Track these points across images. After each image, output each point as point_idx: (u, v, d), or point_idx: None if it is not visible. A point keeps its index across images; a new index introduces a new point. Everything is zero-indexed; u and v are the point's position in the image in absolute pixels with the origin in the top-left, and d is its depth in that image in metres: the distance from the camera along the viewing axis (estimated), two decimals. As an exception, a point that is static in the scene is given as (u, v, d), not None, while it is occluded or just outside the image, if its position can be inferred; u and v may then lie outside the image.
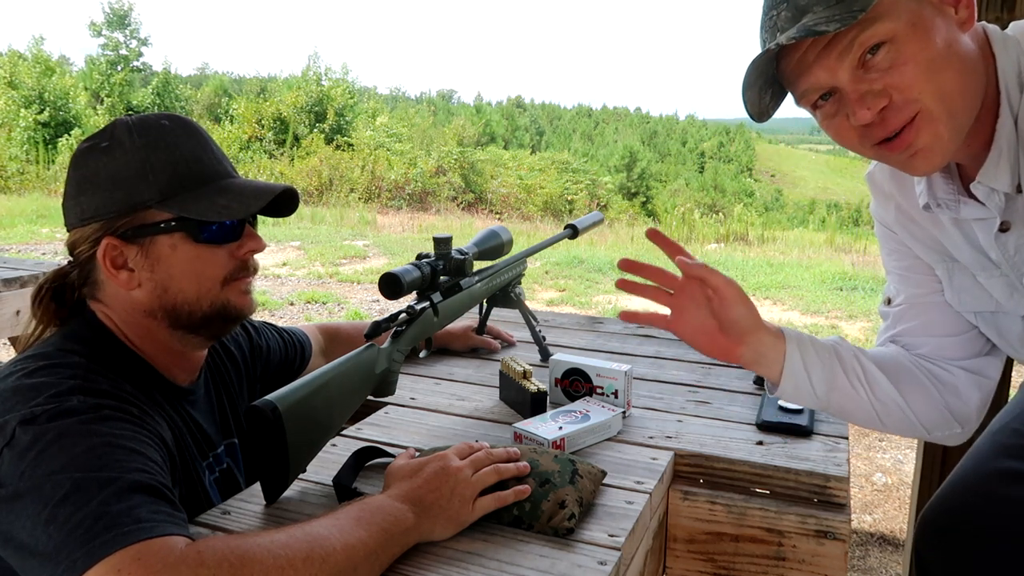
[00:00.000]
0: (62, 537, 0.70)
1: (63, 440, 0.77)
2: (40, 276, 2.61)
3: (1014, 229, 0.91)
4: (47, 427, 0.78)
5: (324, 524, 0.79)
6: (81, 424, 0.79)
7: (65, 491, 0.72)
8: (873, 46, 0.82)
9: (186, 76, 28.82)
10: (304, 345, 1.38)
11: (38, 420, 0.78)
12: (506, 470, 0.93)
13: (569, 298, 6.51)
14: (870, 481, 3.15)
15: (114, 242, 0.95)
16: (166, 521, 0.73)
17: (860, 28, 0.80)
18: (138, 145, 0.95)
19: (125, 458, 0.78)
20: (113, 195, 0.94)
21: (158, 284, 0.97)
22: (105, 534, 0.69)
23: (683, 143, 38.33)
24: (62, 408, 0.80)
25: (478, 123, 27.89)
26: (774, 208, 25.40)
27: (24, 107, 17.17)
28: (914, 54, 0.81)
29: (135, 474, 0.77)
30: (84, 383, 0.85)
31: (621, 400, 1.26)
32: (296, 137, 18.31)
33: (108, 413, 0.82)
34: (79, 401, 0.82)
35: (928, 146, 0.85)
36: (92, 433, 0.79)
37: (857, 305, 6.39)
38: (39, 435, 0.77)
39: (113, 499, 0.72)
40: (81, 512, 0.71)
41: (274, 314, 5.74)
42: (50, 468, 0.74)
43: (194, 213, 0.95)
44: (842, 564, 1.05)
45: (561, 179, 18.19)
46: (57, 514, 0.71)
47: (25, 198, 12.79)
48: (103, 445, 0.78)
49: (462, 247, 1.34)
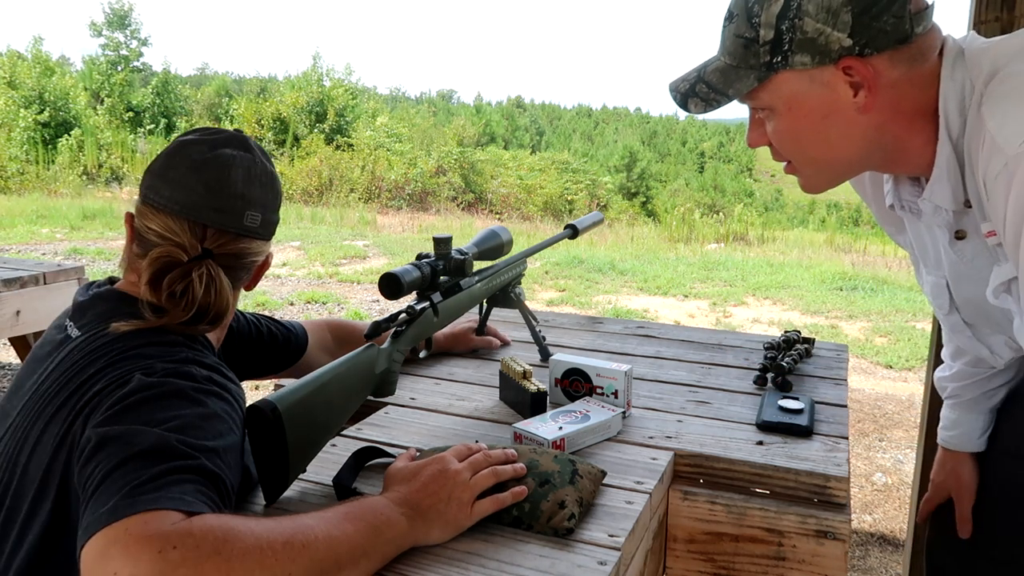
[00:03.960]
0: (107, 490, 0.73)
1: (173, 399, 0.83)
2: (40, 276, 2.62)
3: (970, 238, 0.97)
4: (164, 380, 0.84)
5: (313, 515, 0.80)
6: (194, 391, 0.85)
7: (144, 446, 0.76)
8: (759, 108, 0.97)
9: (186, 76, 28.78)
10: (293, 330, 1.38)
11: (157, 373, 0.85)
12: (504, 472, 0.93)
13: (569, 298, 6.51)
14: (870, 481, 3.15)
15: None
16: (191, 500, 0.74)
17: (746, 97, 0.95)
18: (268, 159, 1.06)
19: (215, 434, 0.83)
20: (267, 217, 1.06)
21: None
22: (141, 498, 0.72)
23: (683, 143, 38.31)
24: (182, 370, 0.87)
25: (478, 123, 27.89)
26: (774, 208, 25.40)
27: (24, 107, 17.16)
28: (785, 127, 0.95)
29: (209, 455, 0.80)
30: (193, 355, 0.92)
31: (621, 400, 1.26)
32: (296, 137, 18.31)
33: (216, 389, 0.88)
34: (197, 370, 0.88)
35: (804, 184, 1.02)
36: (199, 403, 0.84)
37: (857, 305, 6.39)
38: (154, 386, 0.83)
39: (168, 471, 0.75)
40: (137, 474, 0.74)
41: (274, 314, 5.74)
42: (149, 419, 0.79)
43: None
44: (842, 564, 1.05)
45: (561, 179, 18.19)
46: (121, 466, 0.75)
47: (25, 198, 12.79)
48: (200, 417, 0.83)
49: (462, 247, 1.34)
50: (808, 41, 0.88)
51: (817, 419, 1.26)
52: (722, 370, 1.53)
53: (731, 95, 0.94)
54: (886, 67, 0.88)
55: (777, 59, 0.90)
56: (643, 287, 7.08)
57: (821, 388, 1.42)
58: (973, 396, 1.27)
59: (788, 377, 1.41)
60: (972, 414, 1.28)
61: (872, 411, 3.97)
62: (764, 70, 0.91)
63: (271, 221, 1.05)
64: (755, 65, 0.91)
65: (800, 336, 1.64)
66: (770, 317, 6.06)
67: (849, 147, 0.94)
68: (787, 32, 0.88)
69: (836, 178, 1.00)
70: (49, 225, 9.58)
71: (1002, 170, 0.82)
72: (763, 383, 1.43)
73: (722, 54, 0.95)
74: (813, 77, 0.90)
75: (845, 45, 0.87)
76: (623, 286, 7.12)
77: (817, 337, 1.77)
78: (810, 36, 0.87)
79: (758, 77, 0.92)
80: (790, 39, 0.88)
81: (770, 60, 0.90)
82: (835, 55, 0.87)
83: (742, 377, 1.48)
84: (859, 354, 5.03)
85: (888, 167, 1.00)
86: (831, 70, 0.89)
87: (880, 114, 0.91)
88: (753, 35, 0.90)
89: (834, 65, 0.88)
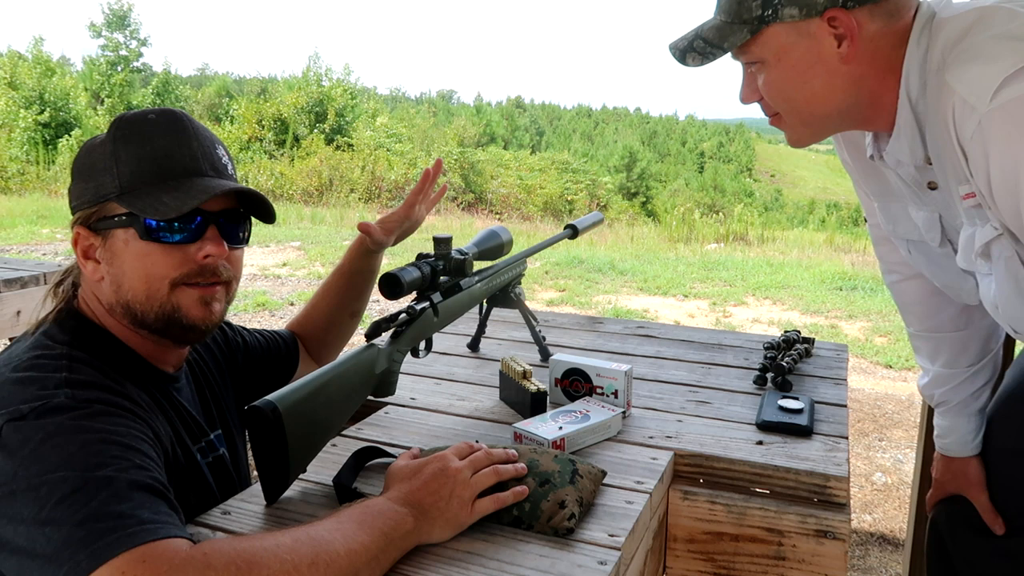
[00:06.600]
0: (63, 538, 0.69)
1: (55, 438, 0.75)
2: (41, 277, 2.62)
3: (941, 189, 1.05)
4: (37, 424, 0.76)
5: (327, 528, 0.79)
6: (72, 420, 0.78)
7: (63, 491, 0.71)
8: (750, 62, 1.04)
9: (186, 76, 28.79)
10: (286, 338, 1.35)
11: (27, 418, 0.77)
12: (505, 471, 0.93)
13: (569, 298, 6.51)
14: (870, 481, 3.15)
15: (83, 231, 0.96)
16: (168, 523, 0.73)
17: (739, 51, 1.02)
18: (114, 137, 0.95)
19: (121, 455, 0.77)
20: (87, 185, 0.95)
21: (114, 279, 0.95)
22: (109, 535, 0.69)
23: (683, 143, 38.32)
24: (50, 405, 0.78)
25: (478, 123, 27.89)
26: (774, 208, 25.40)
27: (24, 108, 17.18)
28: (774, 78, 1.02)
29: (132, 472, 0.76)
30: (70, 375, 0.84)
31: (621, 400, 1.27)
32: (296, 137, 18.31)
33: (99, 408, 0.81)
34: (66, 396, 0.80)
35: (791, 136, 1.09)
36: (84, 429, 0.77)
37: (857, 305, 6.39)
38: (29, 434, 0.76)
39: (113, 499, 0.72)
40: (82, 512, 0.70)
41: (274, 314, 5.74)
42: (44, 467, 0.73)
43: (138, 208, 0.92)
44: (842, 564, 1.05)
45: (561, 179, 18.21)
46: (56, 515, 0.70)
47: (26, 199, 12.80)
48: (97, 442, 0.77)
49: (462, 247, 1.33)
50: None
51: (817, 419, 1.26)
52: (722, 370, 1.53)
53: (726, 48, 1.01)
54: (867, 20, 0.96)
55: (768, 12, 0.98)
56: (643, 287, 7.09)
57: (821, 388, 1.42)
58: (961, 399, 1.30)
59: (788, 377, 1.41)
60: (962, 418, 1.30)
61: (872, 411, 3.97)
62: (756, 23, 0.99)
63: (78, 192, 0.97)
64: (747, 19, 0.99)
65: (800, 336, 1.64)
66: (770, 317, 6.06)
67: (832, 98, 1.01)
68: None
69: (820, 131, 1.08)
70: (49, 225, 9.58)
71: (976, 129, 0.88)
72: (763, 383, 1.43)
73: (717, 12, 1.03)
74: (800, 29, 0.98)
75: None
76: (623, 286, 7.13)
77: (817, 337, 1.78)
78: None
79: (750, 30, 0.99)
80: None
81: (761, 14, 0.98)
82: (820, 7, 0.95)
83: (742, 377, 1.48)
84: (859, 354, 5.03)
85: (864, 123, 1.07)
86: (817, 22, 0.96)
87: (859, 66, 0.99)
88: None
89: (819, 17, 0.96)
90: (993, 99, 0.85)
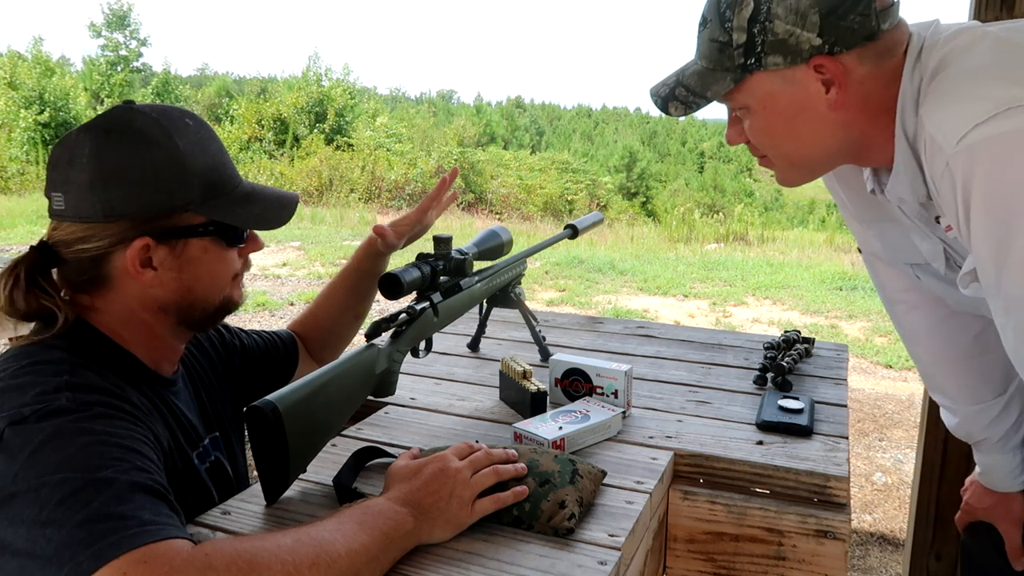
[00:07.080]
0: (63, 539, 0.69)
1: (56, 440, 0.76)
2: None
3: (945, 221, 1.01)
4: (37, 427, 0.77)
5: (328, 528, 0.79)
6: (73, 423, 0.78)
7: (63, 493, 0.72)
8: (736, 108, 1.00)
9: (186, 76, 28.82)
10: (284, 339, 1.35)
11: (27, 420, 0.77)
12: (505, 471, 0.93)
13: (569, 298, 6.51)
14: (870, 481, 3.15)
15: (151, 242, 0.93)
16: (169, 524, 0.73)
17: (726, 97, 0.98)
18: (178, 146, 0.93)
19: (121, 456, 0.77)
20: (155, 195, 0.92)
21: (183, 284, 0.97)
22: (110, 536, 0.69)
23: (683, 143, 38.31)
24: (51, 407, 0.79)
25: (478, 123, 27.91)
26: (774, 208, 25.37)
27: (24, 108, 17.16)
28: (760, 125, 0.98)
29: (133, 473, 0.76)
30: (71, 378, 0.84)
31: (621, 400, 1.27)
32: (296, 137, 18.31)
33: (100, 411, 0.81)
34: (67, 399, 0.80)
35: (781, 178, 1.05)
36: (85, 432, 0.78)
37: (857, 305, 6.39)
38: (30, 436, 0.76)
39: (114, 501, 0.72)
40: (82, 514, 0.70)
41: (274, 314, 5.74)
42: (45, 469, 0.73)
43: (231, 219, 0.97)
44: (842, 564, 1.05)
45: (561, 179, 18.21)
46: (56, 516, 0.70)
47: (25, 199, 12.80)
48: (98, 444, 0.77)
49: (462, 247, 1.33)
50: (779, 43, 0.90)
51: (817, 419, 1.26)
52: (722, 370, 1.53)
53: (709, 97, 0.97)
54: (855, 64, 0.91)
55: (751, 61, 0.93)
56: (643, 287, 7.09)
57: (821, 388, 1.42)
58: (1002, 434, 1.23)
59: (788, 377, 1.41)
60: (1006, 454, 1.24)
61: (872, 411, 3.97)
62: (739, 72, 0.94)
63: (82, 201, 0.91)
64: (730, 67, 0.94)
65: (800, 336, 1.64)
66: (770, 317, 6.06)
67: (820, 143, 0.98)
68: (759, 35, 0.91)
69: (809, 173, 1.04)
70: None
71: (944, 169, 0.84)
72: (763, 383, 1.43)
73: (699, 58, 0.98)
74: (786, 77, 0.93)
75: (815, 44, 0.89)
76: (623, 286, 7.13)
77: (817, 337, 1.77)
78: (781, 38, 0.90)
79: (734, 79, 0.94)
80: (762, 41, 0.91)
81: (744, 62, 0.93)
82: (806, 55, 0.90)
83: (742, 377, 1.48)
84: (859, 354, 5.04)
85: (859, 160, 1.03)
86: (803, 69, 0.91)
87: (849, 111, 0.94)
88: (727, 39, 0.93)
89: (805, 64, 0.91)
90: (959, 143, 0.81)
